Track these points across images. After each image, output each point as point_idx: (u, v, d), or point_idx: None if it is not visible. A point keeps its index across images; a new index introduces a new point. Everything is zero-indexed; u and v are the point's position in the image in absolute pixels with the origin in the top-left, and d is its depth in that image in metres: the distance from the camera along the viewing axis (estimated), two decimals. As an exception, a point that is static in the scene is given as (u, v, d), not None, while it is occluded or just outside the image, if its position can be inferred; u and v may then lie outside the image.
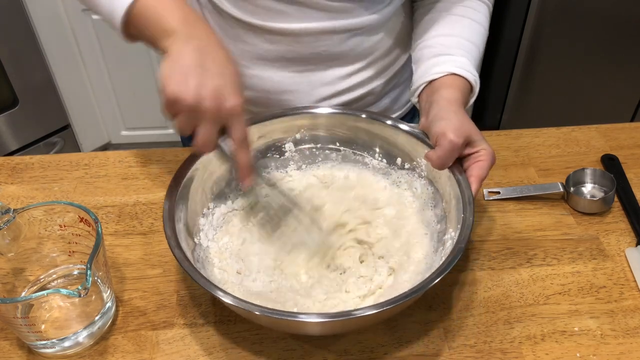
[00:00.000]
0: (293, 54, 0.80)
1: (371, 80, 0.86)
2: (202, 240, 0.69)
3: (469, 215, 0.62)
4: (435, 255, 0.67)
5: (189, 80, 0.57)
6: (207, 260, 0.68)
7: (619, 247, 0.75)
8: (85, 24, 1.90)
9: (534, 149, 0.91)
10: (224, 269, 0.67)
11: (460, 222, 0.62)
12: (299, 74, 0.82)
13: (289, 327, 0.61)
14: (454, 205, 0.66)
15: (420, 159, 0.73)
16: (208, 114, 0.58)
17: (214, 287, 0.56)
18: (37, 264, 0.68)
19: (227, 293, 0.56)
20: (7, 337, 0.65)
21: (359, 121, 0.77)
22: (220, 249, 0.70)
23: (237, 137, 0.61)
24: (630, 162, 0.87)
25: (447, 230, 0.66)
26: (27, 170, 0.88)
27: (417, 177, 0.75)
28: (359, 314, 0.54)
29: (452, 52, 0.77)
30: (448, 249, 0.63)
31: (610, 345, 0.63)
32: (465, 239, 0.60)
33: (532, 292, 0.69)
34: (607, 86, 1.98)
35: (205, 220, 0.71)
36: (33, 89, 1.91)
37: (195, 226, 0.69)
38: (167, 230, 0.62)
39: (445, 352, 0.63)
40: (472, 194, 0.65)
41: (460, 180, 0.66)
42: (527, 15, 1.83)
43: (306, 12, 0.76)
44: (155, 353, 0.63)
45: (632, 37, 1.85)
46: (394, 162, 0.77)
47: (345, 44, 0.80)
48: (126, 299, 0.69)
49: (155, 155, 0.91)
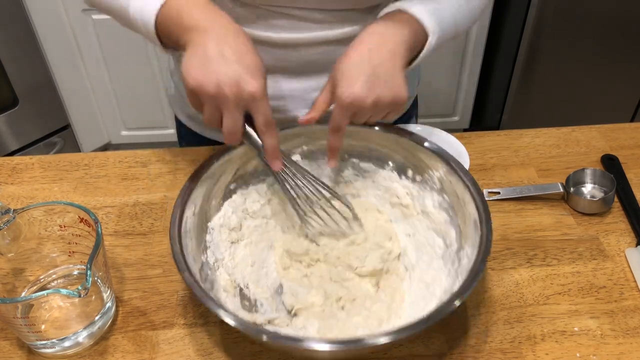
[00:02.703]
0: (287, 63, 0.80)
1: None
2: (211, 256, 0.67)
3: (486, 232, 0.59)
4: (446, 267, 0.65)
5: (209, 69, 0.59)
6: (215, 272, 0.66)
7: (619, 247, 0.75)
8: (85, 24, 1.90)
9: (534, 149, 0.91)
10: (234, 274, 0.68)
11: (477, 240, 0.60)
12: (293, 81, 0.82)
13: (298, 353, 0.59)
14: (469, 222, 0.63)
15: (433, 171, 0.70)
16: (230, 101, 0.60)
17: (222, 310, 0.54)
18: (37, 264, 0.68)
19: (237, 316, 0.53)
20: (7, 337, 0.65)
21: (370, 133, 0.73)
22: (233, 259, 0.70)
23: (261, 121, 0.62)
24: (630, 162, 0.87)
25: (462, 247, 0.64)
26: (27, 170, 0.88)
27: (429, 190, 0.72)
28: (373, 342, 0.50)
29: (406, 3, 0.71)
30: (464, 267, 0.60)
31: (610, 345, 0.63)
32: (484, 259, 0.57)
33: (532, 292, 0.69)
34: (607, 86, 1.98)
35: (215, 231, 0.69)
36: (33, 89, 1.91)
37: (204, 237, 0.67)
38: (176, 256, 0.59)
39: (445, 352, 0.63)
40: (334, 147, 0.68)
41: (475, 194, 0.64)
42: (527, 15, 1.84)
43: (299, 24, 0.76)
44: (155, 353, 0.63)
45: (632, 37, 1.85)
46: (405, 174, 0.74)
47: (340, 50, 0.79)
48: (126, 299, 0.69)
49: (155, 155, 0.91)
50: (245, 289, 0.68)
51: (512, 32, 1.92)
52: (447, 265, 0.66)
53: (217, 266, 0.67)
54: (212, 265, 0.66)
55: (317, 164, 0.77)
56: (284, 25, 0.76)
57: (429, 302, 0.63)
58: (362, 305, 0.67)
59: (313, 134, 0.74)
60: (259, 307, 0.67)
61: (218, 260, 0.67)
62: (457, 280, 0.60)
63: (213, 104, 0.61)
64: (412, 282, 0.69)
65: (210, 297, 0.55)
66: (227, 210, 0.71)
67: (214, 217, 0.70)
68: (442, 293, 0.63)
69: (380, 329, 0.64)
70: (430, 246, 0.70)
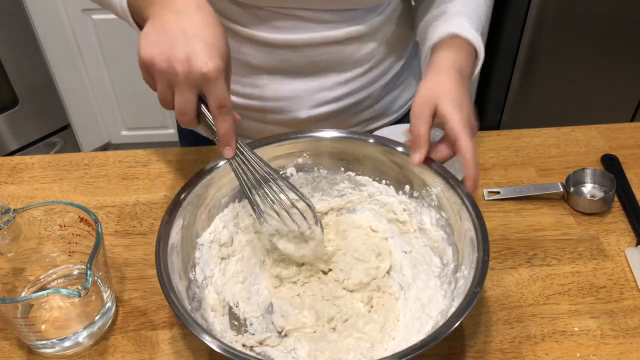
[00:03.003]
0: (289, 63, 0.79)
1: (369, 85, 0.86)
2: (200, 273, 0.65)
3: (483, 255, 0.57)
4: (442, 288, 0.64)
5: (162, 43, 0.55)
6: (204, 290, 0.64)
7: (619, 247, 0.75)
8: (85, 24, 1.90)
9: (534, 149, 0.91)
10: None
11: (474, 261, 0.58)
12: (296, 82, 0.82)
13: None
14: (466, 241, 0.62)
15: (431, 188, 0.68)
16: (180, 79, 0.55)
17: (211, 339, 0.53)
18: (37, 264, 0.68)
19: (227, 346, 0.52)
20: (7, 337, 0.65)
21: (367, 146, 0.72)
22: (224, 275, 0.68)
23: (213, 104, 0.58)
24: (630, 162, 0.87)
25: (459, 267, 0.62)
26: (27, 170, 0.88)
27: (427, 206, 0.69)
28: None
29: (452, 18, 0.74)
30: (460, 288, 0.59)
31: (610, 345, 0.63)
32: (481, 282, 0.55)
33: (532, 292, 0.69)
34: (607, 86, 1.98)
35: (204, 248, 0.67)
36: (33, 89, 1.91)
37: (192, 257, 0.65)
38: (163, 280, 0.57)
39: (445, 352, 0.63)
40: (474, 175, 0.62)
41: (471, 210, 0.62)
42: (527, 15, 1.83)
43: (303, 25, 0.76)
44: (155, 353, 0.63)
45: (632, 37, 1.85)
46: (402, 190, 0.72)
47: (344, 51, 0.80)
48: (126, 299, 0.69)
49: (155, 155, 0.91)
50: (235, 308, 0.66)
51: (512, 32, 1.92)
52: (443, 285, 0.64)
53: (206, 284, 0.64)
54: (200, 283, 0.63)
55: (313, 177, 0.75)
56: (288, 26, 0.76)
57: (425, 324, 0.61)
58: (353, 327, 0.65)
59: (314, 147, 0.72)
60: (249, 326, 0.65)
61: (207, 277, 0.65)
62: (453, 303, 0.58)
63: (164, 81, 0.56)
64: (407, 302, 0.67)
65: (196, 322, 0.54)
66: (217, 225, 0.69)
67: (204, 233, 0.67)
68: (437, 315, 0.61)
69: (372, 354, 0.62)
70: (427, 264, 0.68)
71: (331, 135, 0.72)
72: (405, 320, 0.65)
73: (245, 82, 0.82)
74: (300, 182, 0.74)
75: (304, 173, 0.74)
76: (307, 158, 0.73)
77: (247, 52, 0.79)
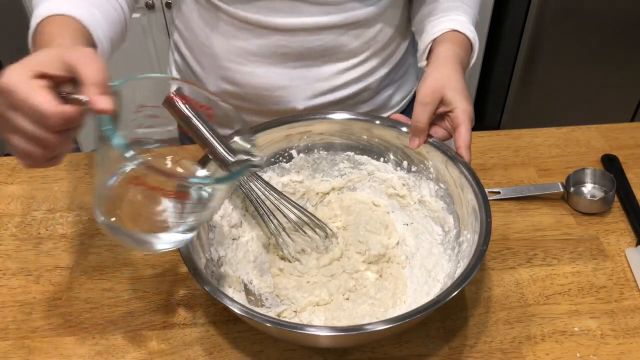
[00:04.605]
0: (287, 49, 0.79)
1: (367, 77, 0.86)
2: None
3: (485, 217, 0.60)
4: (446, 253, 0.67)
5: None
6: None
7: (619, 247, 0.75)
8: (85, 24, 1.90)
9: (534, 149, 0.91)
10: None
11: (477, 223, 0.61)
12: (293, 70, 0.82)
13: (299, 340, 0.60)
14: (469, 209, 0.64)
15: (428, 161, 0.71)
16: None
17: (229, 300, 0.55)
18: None
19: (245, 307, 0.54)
20: (7, 337, 0.65)
21: (369, 126, 0.74)
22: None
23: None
24: (630, 162, 0.87)
25: (461, 232, 0.65)
26: (27, 170, 0.88)
27: (425, 179, 0.72)
28: (372, 328, 0.52)
29: (450, 12, 0.79)
30: (465, 251, 0.61)
31: (610, 345, 0.63)
32: (487, 241, 0.58)
33: (532, 292, 0.69)
34: (607, 86, 1.98)
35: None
36: (33, 89, 1.90)
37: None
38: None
39: (445, 352, 0.63)
40: (468, 162, 0.66)
41: (471, 179, 0.65)
42: (527, 15, 1.84)
43: (300, 7, 0.76)
44: (155, 353, 0.63)
45: (632, 37, 1.85)
46: (401, 165, 0.75)
47: (340, 39, 0.80)
48: (126, 299, 0.69)
49: (155, 155, 0.91)
50: (250, 285, 0.69)
51: (512, 32, 1.92)
52: (447, 251, 0.67)
53: (221, 263, 0.67)
54: (216, 262, 0.66)
55: (313, 158, 0.77)
56: (284, 8, 0.76)
57: (432, 287, 0.65)
58: (367, 294, 0.68)
59: (314, 129, 0.75)
60: (264, 301, 0.68)
61: (221, 257, 0.68)
62: (458, 265, 0.62)
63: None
64: (412, 269, 0.71)
65: (224, 294, 0.55)
66: (227, 207, 0.71)
67: (215, 215, 0.70)
68: (444, 277, 0.64)
69: (388, 316, 0.64)
70: (428, 234, 0.71)
71: (331, 117, 0.75)
72: (414, 286, 0.69)
73: (242, 70, 0.82)
74: (301, 164, 0.77)
75: (304, 154, 0.77)
76: (310, 140, 0.76)
77: (242, 37, 0.80)
